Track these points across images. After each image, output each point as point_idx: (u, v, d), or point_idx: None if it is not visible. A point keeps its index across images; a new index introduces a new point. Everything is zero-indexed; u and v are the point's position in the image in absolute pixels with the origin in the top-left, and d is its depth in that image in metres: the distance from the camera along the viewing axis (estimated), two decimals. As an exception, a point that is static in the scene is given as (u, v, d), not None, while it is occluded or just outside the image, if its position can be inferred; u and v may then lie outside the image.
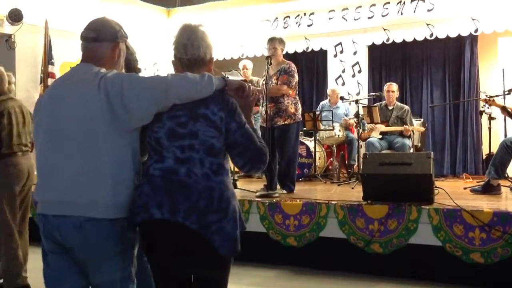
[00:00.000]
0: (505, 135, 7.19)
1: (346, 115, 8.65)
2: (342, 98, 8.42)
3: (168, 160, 2.27)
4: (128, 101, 2.23)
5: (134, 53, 3.21)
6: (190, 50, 2.37)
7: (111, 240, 2.28)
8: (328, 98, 8.90)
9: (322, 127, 8.14)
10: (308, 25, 9.49)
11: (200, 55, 2.39)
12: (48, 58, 8.29)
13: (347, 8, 9.12)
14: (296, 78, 6.26)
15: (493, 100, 6.44)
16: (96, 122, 2.24)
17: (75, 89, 2.30)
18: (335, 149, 8.38)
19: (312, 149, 8.00)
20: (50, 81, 8.26)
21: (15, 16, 7.99)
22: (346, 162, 8.49)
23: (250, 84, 2.54)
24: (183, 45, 2.38)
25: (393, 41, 8.87)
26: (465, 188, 6.33)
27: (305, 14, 9.51)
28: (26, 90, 8.36)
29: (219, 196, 2.26)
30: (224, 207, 2.27)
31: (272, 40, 6.29)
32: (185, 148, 2.26)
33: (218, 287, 2.40)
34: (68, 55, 8.72)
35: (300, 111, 6.32)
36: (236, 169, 7.07)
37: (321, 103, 9.01)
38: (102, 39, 2.38)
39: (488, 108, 6.84)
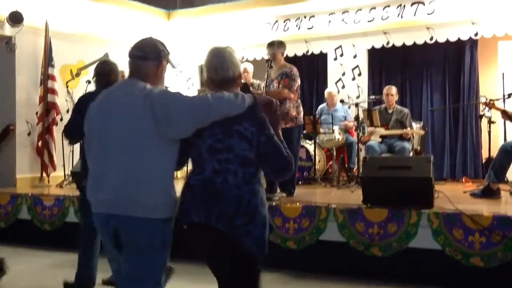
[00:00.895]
0: (505, 139, 7.17)
1: (345, 117, 8.65)
2: (342, 101, 8.42)
3: (207, 172, 2.59)
4: (173, 117, 2.51)
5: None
6: (220, 71, 2.67)
7: (147, 236, 2.57)
8: (326, 101, 8.90)
9: (321, 131, 8.14)
10: (308, 28, 9.50)
11: (230, 75, 2.69)
12: (48, 60, 8.28)
13: (347, 11, 9.12)
14: (298, 81, 6.25)
15: (493, 104, 6.45)
16: (141, 133, 2.54)
17: (122, 103, 2.60)
18: (334, 152, 8.39)
19: (312, 152, 8.00)
20: (50, 83, 8.27)
21: (15, 18, 7.99)
22: (346, 165, 8.48)
23: (275, 101, 2.84)
24: (214, 67, 2.68)
25: (393, 44, 8.88)
26: (465, 192, 6.34)
27: (305, 17, 9.52)
28: (26, 92, 8.37)
29: (247, 203, 2.56)
30: (251, 212, 2.57)
31: (270, 46, 6.27)
32: (222, 161, 2.57)
33: (251, 286, 2.69)
34: (68, 57, 8.75)
35: (301, 114, 6.32)
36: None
37: (319, 107, 9.00)
38: (148, 58, 2.68)
39: (488, 111, 6.84)
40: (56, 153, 8.26)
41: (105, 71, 4.54)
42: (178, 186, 2.70)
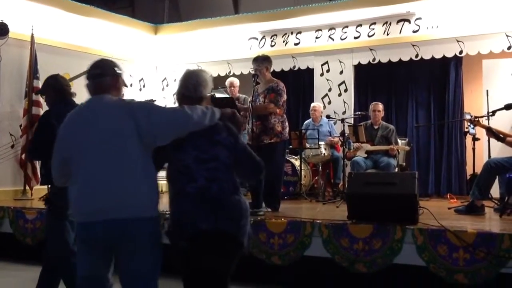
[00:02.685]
0: (489, 156, 7.22)
1: (330, 132, 8.67)
2: (328, 116, 8.45)
3: (200, 179, 2.81)
4: (153, 127, 2.74)
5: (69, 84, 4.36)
6: (199, 89, 2.99)
7: (148, 234, 2.75)
8: (311, 116, 8.91)
9: (307, 146, 8.15)
10: (295, 44, 9.56)
11: (205, 93, 3.02)
12: (33, 73, 8.22)
13: (333, 28, 9.20)
14: (284, 97, 6.23)
15: (478, 121, 6.49)
16: (128, 143, 2.73)
17: (103, 116, 2.78)
18: (320, 167, 8.39)
19: (297, 167, 8.00)
20: (35, 95, 8.17)
21: (1, 30, 7.93)
22: (332, 180, 8.50)
23: (238, 105, 3.08)
24: (193, 86, 2.99)
25: (379, 61, 8.95)
26: (449, 208, 6.36)
27: (292, 33, 9.58)
28: (10, 104, 8.29)
29: (244, 206, 2.89)
30: (246, 214, 2.91)
31: (255, 61, 6.27)
32: (210, 169, 2.82)
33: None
34: (54, 70, 8.57)
35: (287, 129, 6.30)
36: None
37: (305, 122, 9.01)
38: (106, 74, 2.92)
39: (472, 128, 6.88)
40: (39, 166, 8.16)
41: (66, 85, 4.50)
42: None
